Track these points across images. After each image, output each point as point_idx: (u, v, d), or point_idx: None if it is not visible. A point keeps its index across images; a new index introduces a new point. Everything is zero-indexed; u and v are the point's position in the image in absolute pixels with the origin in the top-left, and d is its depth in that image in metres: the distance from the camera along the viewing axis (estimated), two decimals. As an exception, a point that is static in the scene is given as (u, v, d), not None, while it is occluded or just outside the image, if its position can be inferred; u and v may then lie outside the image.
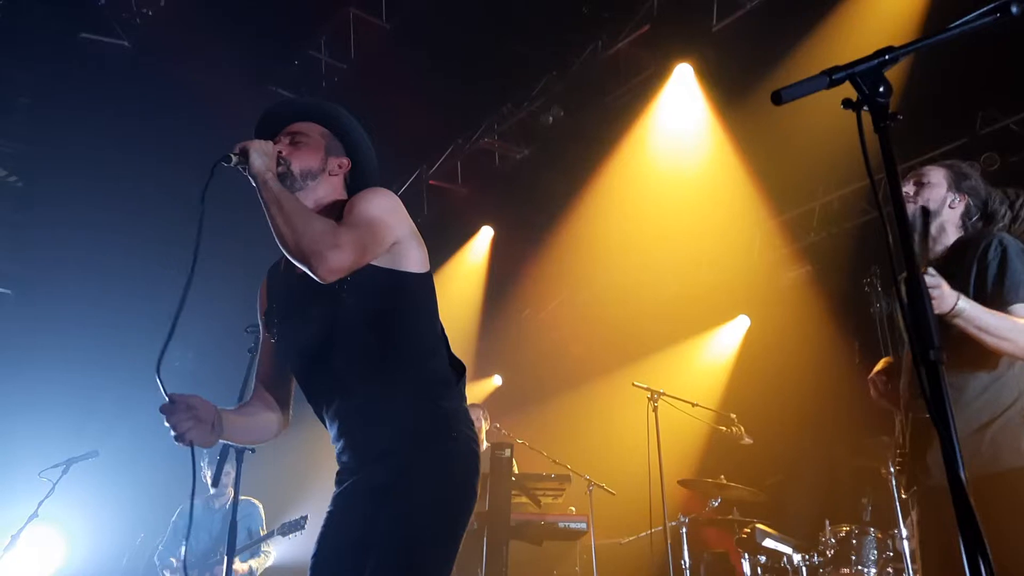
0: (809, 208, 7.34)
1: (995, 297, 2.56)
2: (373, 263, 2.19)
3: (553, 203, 7.83)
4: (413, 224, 2.35)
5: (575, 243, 7.88)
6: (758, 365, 7.34)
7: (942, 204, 2.83)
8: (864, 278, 4.28)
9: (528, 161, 7.83)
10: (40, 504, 5.18)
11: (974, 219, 2.81)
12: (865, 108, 1.58)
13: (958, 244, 2.78)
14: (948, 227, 2.82)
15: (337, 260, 2.06)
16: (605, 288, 8.55)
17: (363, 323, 2.21)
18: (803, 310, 7.16)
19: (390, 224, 2.24)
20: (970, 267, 2.64)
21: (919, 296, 1.49)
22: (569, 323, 9.07)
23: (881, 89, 1.56)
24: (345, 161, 2.46)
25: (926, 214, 2.82)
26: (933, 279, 2.41)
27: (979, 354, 2.56)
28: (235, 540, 3.53)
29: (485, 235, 8.82)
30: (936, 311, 2.39)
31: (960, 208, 2.82)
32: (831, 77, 1.55)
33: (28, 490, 5.26)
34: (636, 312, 8.20)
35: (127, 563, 7.35)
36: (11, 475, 6.16)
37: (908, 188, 2.88)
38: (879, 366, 3.04)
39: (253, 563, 5.57)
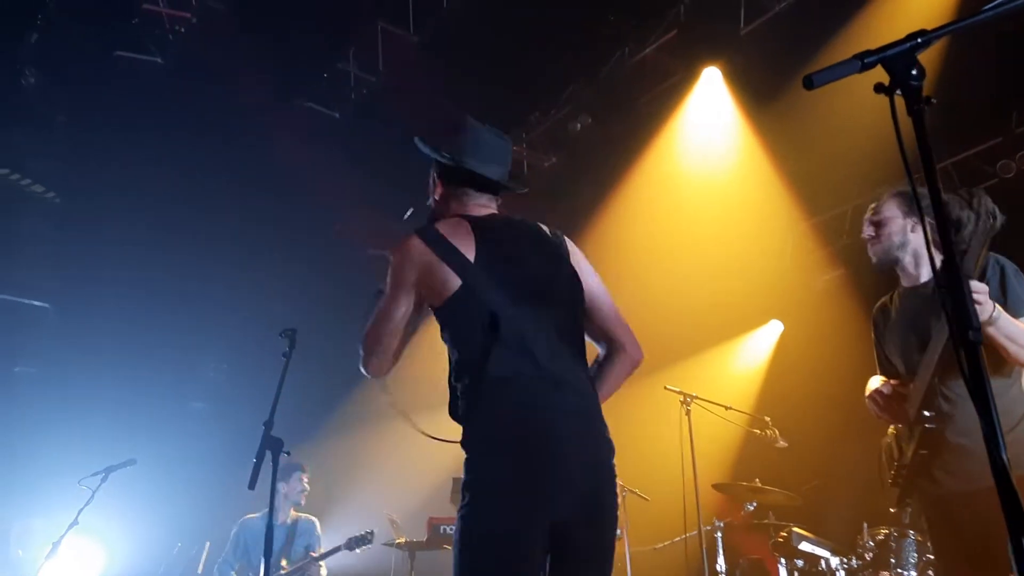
0: (842, 211, 7.27)
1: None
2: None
3: (582, 210, 7.83)
4: (425, 262, 2.41)
5: (605, 250, 7.85)
6: (792, 370, 7.27)
7: (904, 234, 2.93)
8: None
9: (557, 169, 7.86)
10: (80, 512, 5.26)
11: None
12: (898, 92, 1.57)
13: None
14: (921, 251, 2.90)
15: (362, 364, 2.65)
16: (635, 295, 8.49)
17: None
18: (837, 314, 7.07)
19: (391, 294, 2.48)
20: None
21: (958, 279, 1.48)
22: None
23: (914, 72, 1.55)
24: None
25: (893, 248, 2.93)
26: (981, 285, 2.52)
27: (991, 362, 2.64)
28: (271, 547, 3.54)
29: (516, 243, 8.83)
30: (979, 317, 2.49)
31: (920, 229, 2.90)
32: (863, 61, 1.55)
33: (68, 498, 5.35)
34: (667, 318, 8.15)
35: (164, 572, 7.43)
36: (52, 484, 6.26)
37: (868, 231, 3.01)
38: (874, 384, 3.05)
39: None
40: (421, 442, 8.66)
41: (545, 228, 2.62)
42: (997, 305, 2.52)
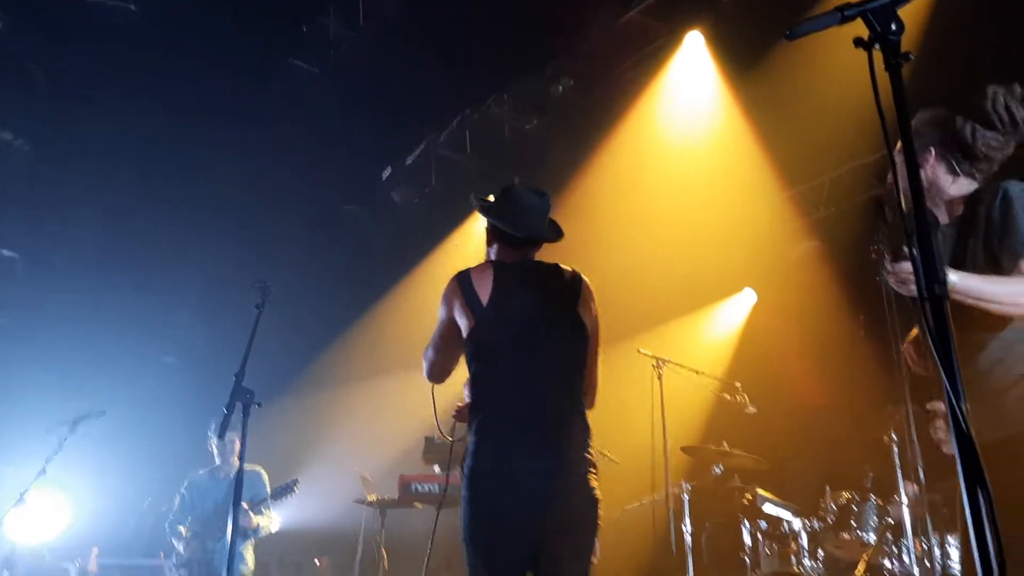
0: (819, 182, 7.30)
1: (1004, 254, 2.47)
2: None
3: (562, 174, 7.80)
4: (455, 302, 2.91)
5: (584, 215, 7.85)
6: (763, 338, 7.34)
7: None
8: (871, 244, 4.28)
9: (537, 132, 7.81)
10: (48, 462, 5.23)
11: (957, 161, 2.63)
12: (877, 47, 1.58)
13: (970, 199, 2.62)
14: (942, 187, 2.66)
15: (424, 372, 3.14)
16: (612, 261, 8.52)
17: None
18: (809, 285, 7.14)
19: (439, 323, 3.00)
20: (981, 225, 2.54)
21: (925, 231, 1.50)
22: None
23: (893, 27, 1.55)
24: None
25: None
26: (907, 264, 2.33)
27: (993, 319, 2.47)
28: (239, 502, 3.54)
29: (494, 207, 8.79)
30: (911, 293, 2.33)
31: (933, 162, 2.65)
32: (843, 13, 1.55)
33: (36, 447, 5.31)
34: (643, 284, 8.19)
35: (134, 526, 7.44)
36: (20, 432, 6.22)
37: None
38: (910, 337, 2.95)
39: (259, 519, 5.63)
40: (393, 401, 8.79)
41: (565, 270, 3.06)
42: (952, 271, 2.34)
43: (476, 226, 8.90)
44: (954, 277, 2.34)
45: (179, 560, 5.63)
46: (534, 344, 2.81)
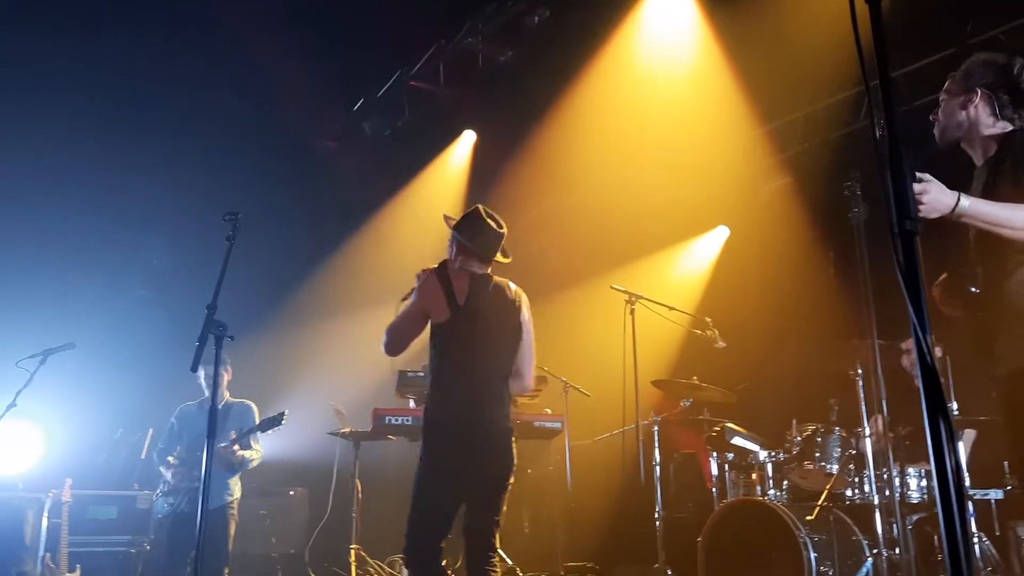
0: (793, 118, 7.29)
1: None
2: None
3: (536, 108, 7.72)
4: (435, 294, 3.71)
5: (558, 149, 7.81)
6: (735, 275, 7.41)
7: (957, 110, 2.78)
8: (845, 182, 4.31)
9: (512, 64, 7.69)
10: (17, 394, 5.20)
11: (1002, 105, 2.73)
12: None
13: (1004, 139, 2.71)
14: (982, 128, 2.75)
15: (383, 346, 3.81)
16: (586, 196, 8.52)
17: None
18: (782, 221, 7.19)
19: (414, 306, 3.78)
20: (1011, 164, 2.62)
21: (899, 166, 1.50)
22: (549, 232, 9.06)
23: (873, -43, 1.54)
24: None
25: (950, 128, 2.80)
26: (920, 185, 2.36)
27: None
28: (215, 429, 3.55)
29: (467, 140, 8.71)
30: (925, 215, 2.36)
31: (979, 102, 2.74)
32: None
33: (5, 380, 5.28)
34: (616, 221, 8.20)
35: (106, 458, 7.46)
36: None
37: (932, 114, 2.89)
38: (939, 280, 2.94)
39: (246, 453, 5.68)
40: (367, 335, 8.72)
41: (511, 286, 3.92)
42: (963, 195, 2.40)
43: (450, 159, 8.82)
44: (965, 201, 2.40)
45: (166, 487, 5.67)
46: (492, 340, 3.71)
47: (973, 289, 2.69)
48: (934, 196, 2.36)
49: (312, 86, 7.56)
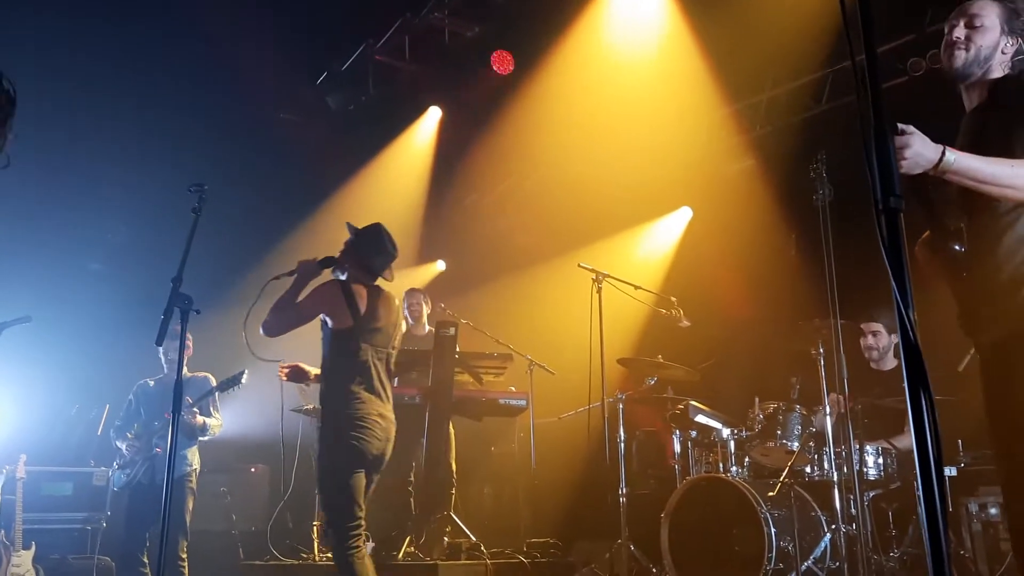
0: (757, 100, 7.35)
1: (1017, 141, 2.40)
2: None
3: (503, 85, 7.67)
4: (335, 303, 4.06)
5: (523, 128, 7.78)
6: (700, 255, 7.47)
7: (994, 50, 2.57)
8: (811, 164, 4.37)
9: (479, 40, 7.63)
10: (-28, 369, 5.08)
11: (1021, 57, 2.57)
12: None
13: (995, 85, 2.57)
14: (995, 70, 2.59)
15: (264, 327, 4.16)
16: (551, 175, 8.52)
17: None
18: (745, 202, 7.26)
19: (310, 304, 4.15)
20: (999, 112, 2.50)
21: (884, 140, 1.52)
22: (514, 210, 9.05)
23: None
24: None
25: (978, 62, 2.57)
26: (901, 138, 2.21)
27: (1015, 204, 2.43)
28: (180, 404, 3.50)
29: (432, 116, 8.64)
30: (907, 170, 2.24)
31: (1011, 52, 2.57)
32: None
33: (-41, 354, 5.14)
34: (582, 200, 8.22)
35: (62, 434, 7.32)
36: (-59, 339, 6.00)
37: (956, 31, 2.59)
38: (923, 237, 2.88)
39: (206, 419, 5.61)
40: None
41: (394, 296, 4.31)
42: (949, 149, 2.26)
43: (416, 135, 8.74)
44: (951, 155, 2.26)
45: (122, 461, 5.59)
46: (385, 345, 4.14)
47: (958, 247, 2.53)
48: (916, 150, 2.21)
49: (275, 59, 7.42)
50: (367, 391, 3.99)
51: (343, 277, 4.18)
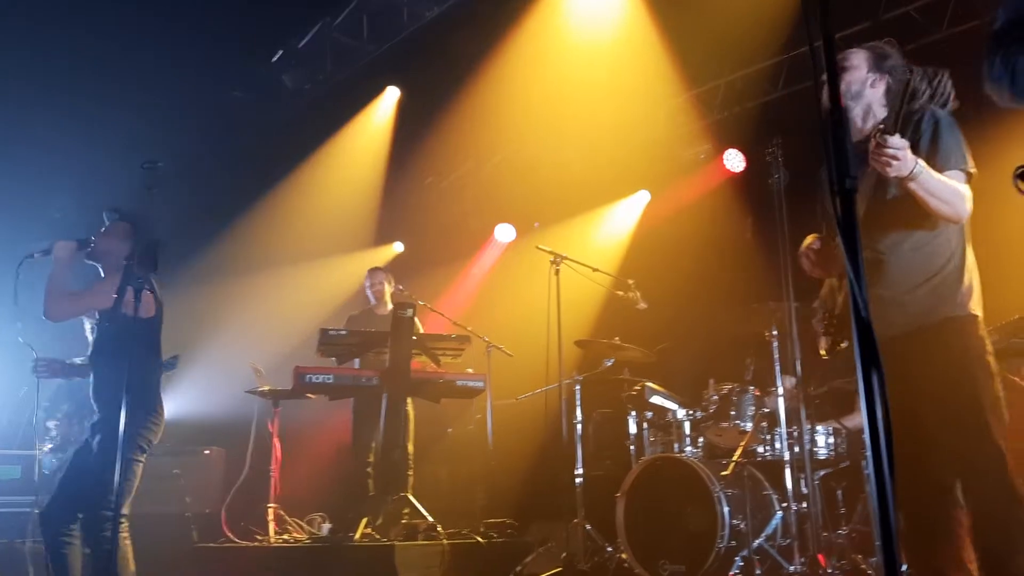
0: (715, 85, 7.42)
1: (929, 165, 2.66)
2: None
3: (462, 66, 7.63)
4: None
5: (482, 109, 7.76)
6: (655, 239, 7.54)
7: (863, 85, 2.92)
8: (767, 148, 4.42)
9: (438, 20, 7.57)
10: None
11: (894, 98, 2.88)
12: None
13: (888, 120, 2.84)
14: (874, 107, 2.92)
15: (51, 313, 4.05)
16: (510, 157, 8.52)
17: None
18: (701, 187, 7.35)
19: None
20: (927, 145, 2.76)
21: (839, 124, 1.55)
22: (473, 192, 9.04)
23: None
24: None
25: (847, 97, 2.91)
26: (900, 141, 2.52)
27: (916, 214, 2.72)
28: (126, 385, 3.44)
29: (391, 96, 8.57)
30: (895, 173, 2.56)
31: (881, 87, 2.91)
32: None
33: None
34: (538, 184, 8.24)
35: (9, 417, 7.15)
36: None
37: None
38: (807, 241, 3.10)
39: None
40: (287, 293, 8.61)
41: None
42: (920, 161, 2.56)
43: (373, 115, 8.67)
44: (919, 168, 2.57)
45: (54, 444, 5.48)
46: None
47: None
48: (907, 156, 2.52)
49: (231, 36, 7.29)
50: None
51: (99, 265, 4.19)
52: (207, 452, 7.06)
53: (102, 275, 4.18)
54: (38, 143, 7.03)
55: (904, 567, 4.42)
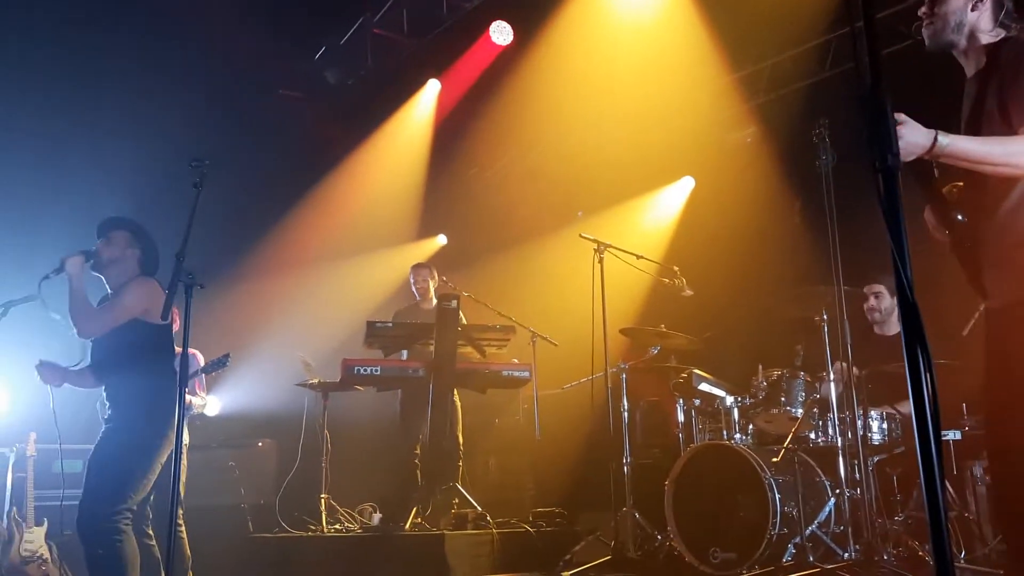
0: (759, 68, 7.30)
1: (1015, 112, 2.39)
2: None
3: (503, 55, 7.63)
4: (156, 298, 4.00)
5: (524, 99, 7.75)
6: (701, 225, 7.46)
7: (963, 13, 2.55)
8: (813, 129, 4.34)
9: (477, 11, 7.57)
10: (-21, 348, 5.10)
11: (1007, 8, 2.55)
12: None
13: (992, 50, 2.54)
14: (980, 35, 2.56)
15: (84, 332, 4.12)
16: (553, 146, 8.49)
17: None
18: (748, 170, 7.24)
19: (131, 306, 4.07)
20: (997, 80, 2.47)
21: (880, 100, 1.51)
22: (516, 183, 9.03)
23: None
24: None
25: (948, 31, 2.56)
26: (901, 116, 2.21)
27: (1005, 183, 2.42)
28: (185, 377, 3.53)
29: (432, 89, 8.60)
30: (905, 156, 2.22)
31: (986, 7, 2.55)
32: None
33: (-33, 333, 5.15)
34: (583, 172, 8.20)
35: (71, 412, 7.36)
36: (-50, 320, 6.02)
37: (923, 8, 2.60)
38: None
39: (192, 399, 5.60)
40: (334, 287, 8.69)
41: None
42: (942, 133, 2.26)
43: (415, 108, 8.71)
44: (944, 139, 2.27)
45: None
46: None
47: (960, 217, 2.56)
48: (907, 139, 2.23)
49: (274, 34, 7.38)
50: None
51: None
52: (260, 445, 7.20)
53: (107, 287, 4.24)
54: (93, 144, 7.21)
55: (962, 553, 4.36)
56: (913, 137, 2.24)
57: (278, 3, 7.11)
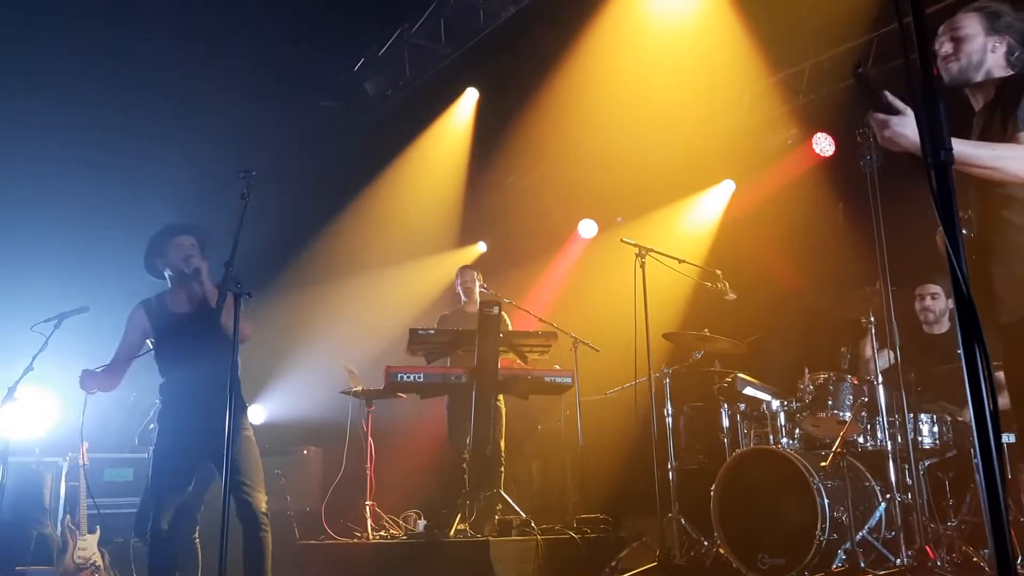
0: (800, 69, 7.23)
1: (1009, 122, 2.57)
2: None
3: (540, 63, 7.64)
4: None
5: (562, 105, 7.75)
6: (743, 227, 7.40)
7: (983, 53, 2.77)
8: (857, 130, 4.29)
9: (515, 18, 7.60)
10: (34, 358, 5.22)
11: (1017, 54, 2.77)
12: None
13: (1001, 83, 2.74)
14: (994, 71, 2.78)
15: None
16: (591, 152, 8.48)
17: None
18: (789, 173, 7.17)
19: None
20: (1005, 107, 2.65)
21: (933, 98, 1.50)
22: (555, 189, 9.04)
23: None
24: None
25: (971, 68, 2.77)
26: (880, 116, 2.40)
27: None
28: (237, 385, 3.59)
29: (470, 97, 8.65)
30: (885, 146, 2.44)
31: (1002, 48, 2.77)
32: None
33: (22, 344, 5.29)
34: (621, 177, 8.18)
35: (123, 421, 7.52)
36: (4, 330, 6.19)
37: (945, 47, 2.80)
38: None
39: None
40: (376, 295, 8.78)
41: None
42: None
43: (454, 117, 8.76)
44: None
45: None
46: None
47: (965, 232, 2.68)
48: (896, 130, 2.36)
49: (314, 46, 7.49)
50: None
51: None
52: (305, 452, 7.28)
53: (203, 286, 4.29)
54: (141, 156, 7.37)
55: (1018, 559, 4.25)
56: (903, 130, 2.37)
57: (317, 15, 7.20)
